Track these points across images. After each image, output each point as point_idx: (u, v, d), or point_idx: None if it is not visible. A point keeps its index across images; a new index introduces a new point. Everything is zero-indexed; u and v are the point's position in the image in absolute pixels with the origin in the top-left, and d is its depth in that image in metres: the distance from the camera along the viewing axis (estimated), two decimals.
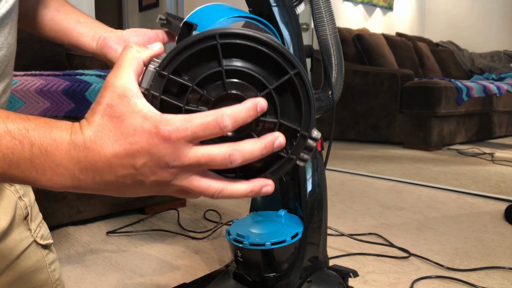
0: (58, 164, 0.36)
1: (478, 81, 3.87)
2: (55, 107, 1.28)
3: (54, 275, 0.73)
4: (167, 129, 0.35)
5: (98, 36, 0.69)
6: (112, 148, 0.36)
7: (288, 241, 0.74)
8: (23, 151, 0.35)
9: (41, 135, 0.36)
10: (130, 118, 0.36)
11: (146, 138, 0.35)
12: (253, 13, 0.77)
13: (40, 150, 0.35)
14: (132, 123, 0.35)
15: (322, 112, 0.79)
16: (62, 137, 0.36)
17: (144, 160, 0.36)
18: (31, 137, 0.35)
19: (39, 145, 0.35)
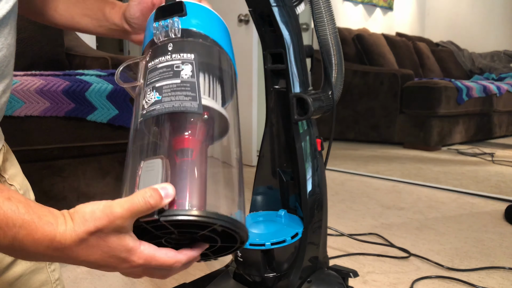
0: (35, 254, 0.41)
1: (478, 81, 3.87)
2: (55, 107, 1.28)
3: (54, 275, 0.73)
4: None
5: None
6: (86, 256, 0.42)
7: (288, 241, 0.74)
8: (5, 238, 0.39)
9: (22, 236, 0.39)
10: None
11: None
12: (253, 13, 0.77)
13: (20, 246, 0.40)
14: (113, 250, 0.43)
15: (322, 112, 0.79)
16: (42, 241, 0.40)
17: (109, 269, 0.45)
18: (14, 234, 0.39)
19: (20, 243, 0.40)
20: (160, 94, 0.46)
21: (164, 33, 0.51)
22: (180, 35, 0.51)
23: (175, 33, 0.51)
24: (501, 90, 3.81)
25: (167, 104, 0.46)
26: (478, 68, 4.96)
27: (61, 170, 1.38)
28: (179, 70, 0.47)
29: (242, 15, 2.57)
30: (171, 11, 0.52)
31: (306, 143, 0.79)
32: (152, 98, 0.47)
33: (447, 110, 3.24)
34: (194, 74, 0.48)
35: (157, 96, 0.46)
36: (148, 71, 0.50)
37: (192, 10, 0.53)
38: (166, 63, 0.48)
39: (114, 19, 0.71)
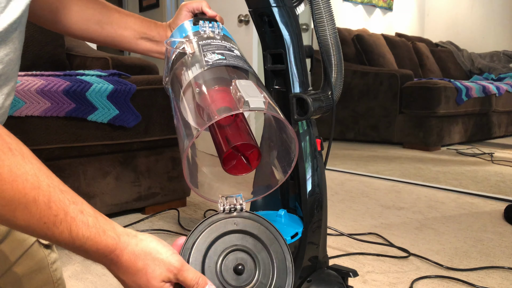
0: (92, 259, 0.48)
1: (478, 81, 3.87)
2: (56, 107, 1.28)
3: (55, 275, 0.74)
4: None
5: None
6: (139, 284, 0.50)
7: (288, 240, 0.74)
8: (73, 244, 0.46)
9: (90, 245, 0.46)
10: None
11: None
12: (253, 13, 0.77)
13: (84, 249, 0.46)
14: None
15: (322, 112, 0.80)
16: (111, 258, 0.48)
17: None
18: (89, 247, 0.46)
19: (85, 249, 0.46)
20: (223, 55, 0.61)
21: (210, 30, 0.68)
22: (223, 32, 0.69)
23: (218, 31, 0.69)
24: (500, 90, 3.81)
25: (232, 61, 0.61)
26: (478, 68, 4.96)
27: (61, 170, 1.38)
28: (232, 49, 0.65)
29: (242, 16, 2.57)
30: (208, 19, 0.71)
31: (306, 143, 0.79)
32: (215, 57, 0.61)
33: (446, 110, 3.25)
34: (241, 54, 0.65)
35: (221, 56, 0.61)
36: (202, 45, 0.64)
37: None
38: (220, 43, 0.65)
39: (159, 31, 0.83)
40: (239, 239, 0.54)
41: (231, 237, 0.54)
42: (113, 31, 0.80)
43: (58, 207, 0.43)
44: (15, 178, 0.40)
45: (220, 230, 0.54)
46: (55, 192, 0.44)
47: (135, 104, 1.43)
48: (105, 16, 0.80)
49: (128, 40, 0.82)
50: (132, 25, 0.81)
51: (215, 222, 0.55)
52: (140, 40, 0.82)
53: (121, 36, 0.81)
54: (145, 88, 1.46)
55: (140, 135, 1.47)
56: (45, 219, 0.42)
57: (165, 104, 1.51)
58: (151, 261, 0.49)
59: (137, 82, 1.45)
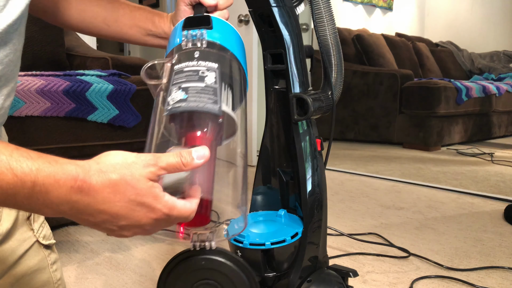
0: (53, 202, 0.40)
1: (478, 81, 3.87)
2: (56, 107, 1.28)
3: (55, 275, 0.74)
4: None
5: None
6: (109, 206, 0.42)
7: (288, 240, 0.74)
8: (23, 188, 0.38)
9: (45, 176, 0.39)
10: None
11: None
12: (253, 13, 0.77)
13: (41, 189, 0.39)
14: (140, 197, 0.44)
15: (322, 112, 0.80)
16: (65, 181, 0.40)
17: (127, 223, 0.45)
18: (33, 176, 0.39)
19: (41, 184, 0.39)
20: (186, 93, 0.52)
21: (192, 41, 0.58)
22: (206, 45, 0.58)
23: (201, 43, 0.58)
24: (500, 90, 3.81)
25: (192, 103, 0.51)
26: (478, 68, 4.96)
27: None
28: (204, 76, 0.54)
29: (242, 15, 2.57)
30: (199, 23, 0.60)
31: (306, 143, 0.79)
32: (178, 96, 0.52)
33: (446, 110, 3.25)
34: (216, 81, 0.54)
35: (184, 95, 0.52)
36: (174, 73, 0.55)
37: (217, 24, 0.61)
38: (192, 67, 0.55)
39: (163, 27, 0.78)
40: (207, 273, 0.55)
41: (200, 272, 0.55)
42: (119, 29, 0.79)
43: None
44: None
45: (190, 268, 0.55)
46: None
47: (135, 104, 1.43)
48: (110, 14, 0.78)
49: (136, 38, 0.80)
50: (138, 22, 0.79)
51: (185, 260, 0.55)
52: (147, 36, 0.80)
53: (128, 34, 0.79)
54: (145, 88, 1.46)
55: (140, 135, 1.47)
56: None
57: None
58: (125, 168, 0.42)
59: (137, 82, 1.45)
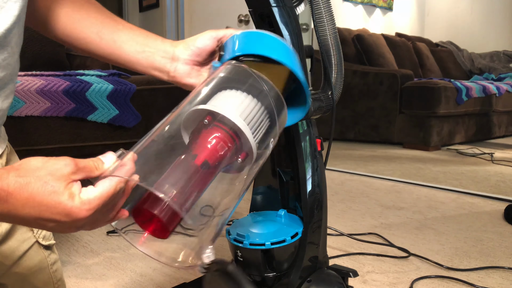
0: None
1: (478, 81, 3.87)
2: (56, 107, 1.28)
3: (56, 276, 0.74)
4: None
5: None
6: (28, 211, 0.41)
7: (288, 241, 0.74)
8: None
9: None
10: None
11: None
12: (253, 13, 0.77)
13: None
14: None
15: (322, 112, 0.80)
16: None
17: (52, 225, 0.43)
18: None
19: None
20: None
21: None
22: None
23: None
24: (500, 90, 3.81)
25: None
26: (478, 68, 4.97)
27: None
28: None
29: (242, 15, 2.57)
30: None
31: (306, 143, 0.79)
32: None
33: (446, 110, 3.25)
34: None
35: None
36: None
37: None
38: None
39: (165, 46, 0.70)
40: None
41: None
42: (112, 43, 0.70)
43: None
44: None
45: None
46: None
47: (135, 104, 1.43)
48: (107, 26, 0.70)
49: (129, 54, 0.71)
50: (136, 37, 0.71)
51: None
52: (143, 53, 0.71)
53: (121, 49, 0.70)
54: (145, 88, 1.46)
55: (140, 135, 1.46)
56: None
57: (165, 104, 1.51)
58: (44, 169, 0.42)
59: (137, 82, 1.45)
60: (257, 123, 0.52)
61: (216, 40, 0.67)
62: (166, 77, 0.71)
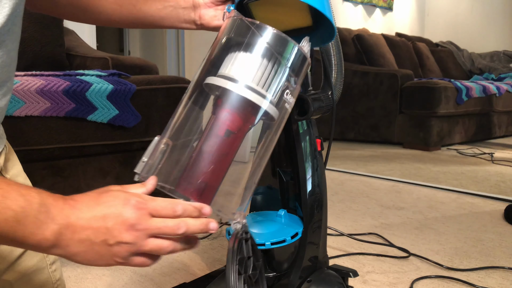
0: (53, 220, 0.42)
1: (478, 81, 3.87)
2: (56, 107, 1.28)
3: (55, 275, 0.74)
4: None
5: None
6: (93, 211, 0.44)
7: (288, 241, 0.74)
8: (32, 209, 0.41)
9: (45, 197, 0.43)
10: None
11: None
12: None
13: (45, 208, 0.42)
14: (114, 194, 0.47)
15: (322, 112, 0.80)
16: (58, 199, 0.43)
17: (113, 222, 0.45)
18: (41, 198, 0.42)
19: (45, 205, 0.42)
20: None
21: None
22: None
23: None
24: (500, 90, 3.81)
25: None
26: (478, 68, 4.96)
27: (61, 170, 1.38)
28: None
29: None
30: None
31: (306, 143, 0.79)
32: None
33: (446, 110, 3.25)
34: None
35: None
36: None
37: None
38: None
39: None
40: None
41: None
42: (132, 6, 0.70)
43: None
44: None
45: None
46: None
47: (135, 104, 1.43)
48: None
49: (152, 13, 0.71)
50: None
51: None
52: (167, 9, 0.71)
53: (142, 10, 0.70)
54: (145, 88, 1.46)
55: (140, 135, 1.47)
56: None
57: (165, 104, 1.51)
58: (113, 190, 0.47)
59: (137, 82, 1.45)
60: (267, 77, 0.54)
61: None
62: (195, 26, 0.71)
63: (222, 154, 0.52)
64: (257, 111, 0.53)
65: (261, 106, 0.53)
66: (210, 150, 0.52)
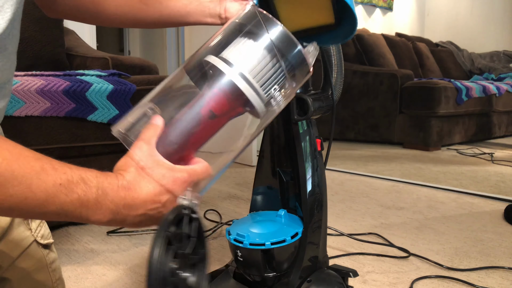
0: (111, 201, 0.46)
1: (478, 81, 3.87)
2: (56, 107, 1.28)
3: (54, 275, 0.74)
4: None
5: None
6: (146, 188, 0.48)
7: (288, 240, 0.74)
8: (92, 193, 0.45)
9: (101, 181, 0.46)
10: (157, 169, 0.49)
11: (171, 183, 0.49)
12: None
13: (102, 192, 0.45)
14: (160, 172, 0.49)
15: (322, 112, 0.80)
16: (113, 182, 0.47)
17: (168, 197, 0.49)
18: (97, 182, 0.46)
19: (102, 188, 0.46)
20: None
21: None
22: None
23: None
24: (500, 90, 3.81)
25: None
26: (478, 68, 4.97)
27: None
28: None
29: None
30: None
31: (306, 143, 0.79)
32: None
33: (446, 110, 3.25)
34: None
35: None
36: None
37: None
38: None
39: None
40: None
41: None
42: (159, 4, 0.71)
43: (60, 166, 0.44)
44: (17, 156, 0.41)
45: None
46: (48, 158, 0.44)
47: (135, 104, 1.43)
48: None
49: (179, 10, 0.71)
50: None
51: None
52: (193, 4, 0.71)
53: (169, 8, 0.71)
54: (145, 88, 1.46)
55: None
56: (59, 181, 0.43)
57: None
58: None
59: (137, 82, 1.45)
60: (265, 74, 0.53)
61: None
62: (219, 21, 0.71)
63: (197, 131, 0.52)
64: (244, 102, 0.52)
65: (249, 98, 0.52)
66: (186, 125, 0.52)
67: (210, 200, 1.83)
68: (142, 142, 0.50)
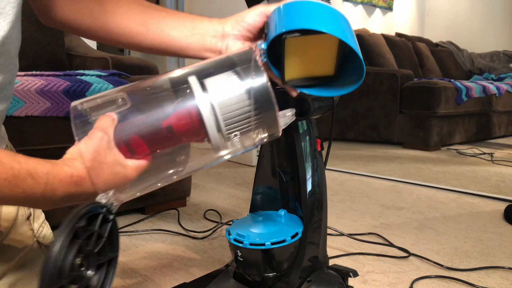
0: (58, 196, 0.48)
1: (478, 81, 3.87)
2: (56, 107, 1.28)
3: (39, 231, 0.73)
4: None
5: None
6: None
7: (288, 241, 0.74)
8: (39, 188, 0.46)
9: (52, 178, 0.47)
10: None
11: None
12: None
13: (51, 188, 0.47)
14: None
15: (322, 112, 0.80)
16: (65, 180, 0.48)
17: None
18: (47, 179, 0.47)
19: (51, 185, 0.47)
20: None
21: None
22: None
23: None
24: (500, 90, 3.81)
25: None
26: (478, 68, 4.97)
27: None
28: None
29: None
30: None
31: (306, 143, 0.79)
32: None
33: (446, 110, 3.25)
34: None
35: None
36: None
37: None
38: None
39: (214, 25, 0.68)
40: None
41: None
42: (160, 31, 0.69)
43: (9, 161, 0.46)
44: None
45: None
46: (4, 151, 0.47)
47: None
48: (151, 15, 0.69)
49: (179, 40, 0.69)
50: (182, 21, 0.69)
51: None
52: (194, 36, 0.69)
53: (170, 36, 0.68)
54: None
55: None
56: (4, 175, 0.44)
57: None
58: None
59: None
60: (233, 113, 0.53)
61: (265, 16, 0.64)
62: None
63: (152, 139, 0.52)
64: (206, 131, 0.52)
65: (207, 128, 0.52)
66: (144, 128, 0.52)
67: (210, 200, 1.83)
68: (101, 132, 0.50)
